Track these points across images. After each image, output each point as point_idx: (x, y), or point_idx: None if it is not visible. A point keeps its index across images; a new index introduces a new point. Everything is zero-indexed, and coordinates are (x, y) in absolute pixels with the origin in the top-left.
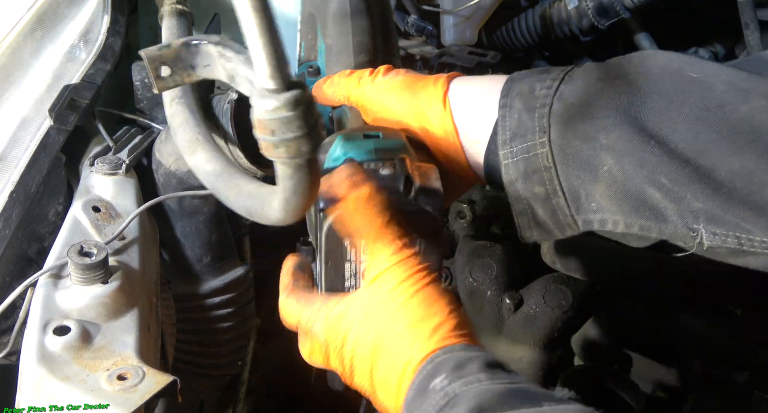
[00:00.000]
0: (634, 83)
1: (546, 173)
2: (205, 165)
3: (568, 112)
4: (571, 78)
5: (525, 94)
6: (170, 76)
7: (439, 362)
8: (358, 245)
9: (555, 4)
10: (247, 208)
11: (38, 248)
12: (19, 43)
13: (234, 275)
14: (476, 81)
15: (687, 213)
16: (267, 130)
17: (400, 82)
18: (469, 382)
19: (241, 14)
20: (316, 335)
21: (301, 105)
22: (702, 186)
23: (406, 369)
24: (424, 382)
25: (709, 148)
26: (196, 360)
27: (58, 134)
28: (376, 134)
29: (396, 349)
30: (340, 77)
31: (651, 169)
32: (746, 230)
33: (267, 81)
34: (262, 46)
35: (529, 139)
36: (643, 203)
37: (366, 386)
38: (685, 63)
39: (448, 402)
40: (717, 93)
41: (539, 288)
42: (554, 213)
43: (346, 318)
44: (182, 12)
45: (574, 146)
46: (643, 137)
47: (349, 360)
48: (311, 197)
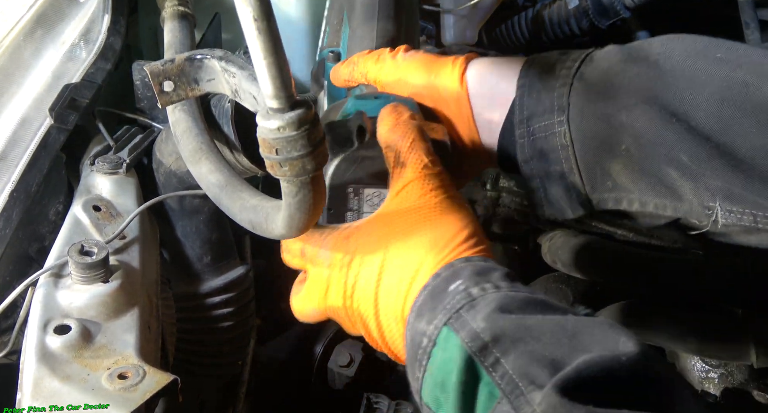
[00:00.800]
0: (655, 64)
1: (563, 151)
2: (209, 176)
3: (588, 91)
4: (592, 59)
5: (545, 74)
6: (173, 91)
7: (459, 268)
8: (361, 192)
9: (555, 3)
10: (250, 221)
11: (39, 248)
12: (19, 43)
13: (234, 275)
14: (494, 62)
15: (704, 191)
16: (272, 149)
17: (420, 61)
18: (490, 288)
19: (246, 34)
20: (321, 260)
21: (305, 124)
22: (722, 163)
23: (419, 274)
24: (441, 285)
25: (731, 125)
26: (197, 360)
27: (58, 134)
28: (388, 96)
29: (410, 256)
30: (359, 57)
31: (670, 146)
32: (763, 207)
33: (271, 100)
34: (267, 66)
35: (547, 118)
36: (659, 181)
37: (368, 299)
38: (710, 44)
39: (468, 303)
40: (742, 73)
41: (539, 288)
42: (568, 192)
43: (357, 234)
44: (184, 14)
45: (594, 125)
46: (663, 115)
47: (354, 274)
48: (315, 214)
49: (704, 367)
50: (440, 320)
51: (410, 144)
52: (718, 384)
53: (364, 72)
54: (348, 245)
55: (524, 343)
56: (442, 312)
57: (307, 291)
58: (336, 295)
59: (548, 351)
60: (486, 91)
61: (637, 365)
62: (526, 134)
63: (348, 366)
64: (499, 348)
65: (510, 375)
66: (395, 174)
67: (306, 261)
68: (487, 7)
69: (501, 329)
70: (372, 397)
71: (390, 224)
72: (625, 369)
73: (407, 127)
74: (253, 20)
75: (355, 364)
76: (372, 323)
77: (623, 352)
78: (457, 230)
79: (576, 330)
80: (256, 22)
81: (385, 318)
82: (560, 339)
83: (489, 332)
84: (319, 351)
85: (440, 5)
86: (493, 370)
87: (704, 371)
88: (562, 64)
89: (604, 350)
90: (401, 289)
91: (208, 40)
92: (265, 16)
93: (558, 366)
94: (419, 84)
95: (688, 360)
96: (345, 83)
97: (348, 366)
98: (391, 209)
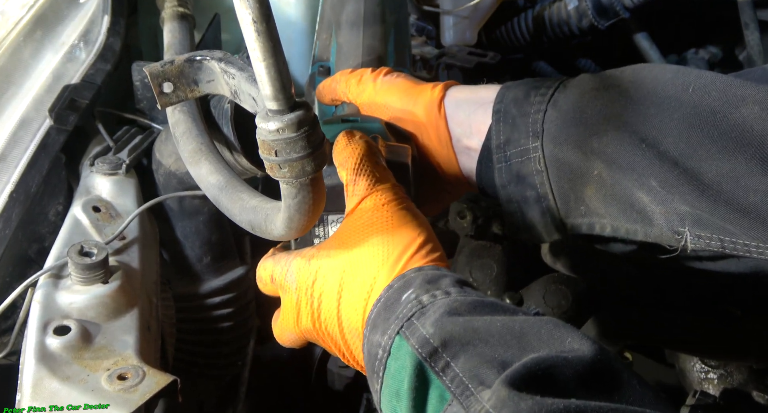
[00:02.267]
0: (626, 92)
1: (537, 176)
2: (208, 177)
3: (561, 118)
4: (566, 87)
5: (520, 100)
6: (173, 92)
7: (410, 278)
8: (325, 218)
9: (554, 4)
10: (250, 222)
11: (38, 248)
12: (19, 44)
13: (234, 275)
14: (471, 89)
15: (673, 216)
16: (271, 151)
17: (399, 85)
18: (440, 295)
19: (246, 36)
20: (288, 285)
21: (304, 125)
22: (690, 188)
23: (374, 288)
24: (393, 296)
25: (699, 150)
26: (196, 360)
27: (58, 134)
28: (355, 119)
29: (366, 271)
30: (342, 75)
31: (641, 172)
32: (730, 233)
33: (270, 102)
34: (266, 68)
35: (523, 143)
36: (630, 206)
37: (332, 318)
38: (679, 72)
39: (418, 310)
40: (710, 100)
41: (539, 288)
42: (543, 216)
43: (318, 256)
44: (184, 15)
45: (566, 151)
46: (634, 140)
47: (318, 295)
48: (315, 215)
49: (704, 368)
50: (393, 329)
51: (359, 161)
52: (718, 385)
53: (346, 92)
54: (310, 267)
55: (473, 346)
56: (395, 321)
57: (282, 317)
58: (306, 318)
59: (497, 352)
60: (463, 118)
61: (584, 361)
62: (503, 159)
63: (348, 367)
64: (448, 352)
65: (460, 377)
66: (348, 192)
67: (276, 287)
68: (486, 8)
69: (449, 333)
70: (372, 398)
71: (346, 242)
72: (572, 365)
73: (357, 145)
74: (252, 22)
75: None
76: (339, 341)
77: (570, 350)
78: (409, 241)
79: (523, 330)
80: (255, 23)
81: (350, 335)
82: (508, 340)
83: (438, 337)
84: (318, 352)
85: (440, 6)
86: (443, 374)
87: (704, 371)
88: (537, 91)
89: (552, 349)
90: (359, 305)
91: (208, 40)
92: (264, 18)
93: (507, 366)
94: (398, 109)
95: (687, 361)
96: (330, 101)
97: (348, 367)
98: (347, 226)
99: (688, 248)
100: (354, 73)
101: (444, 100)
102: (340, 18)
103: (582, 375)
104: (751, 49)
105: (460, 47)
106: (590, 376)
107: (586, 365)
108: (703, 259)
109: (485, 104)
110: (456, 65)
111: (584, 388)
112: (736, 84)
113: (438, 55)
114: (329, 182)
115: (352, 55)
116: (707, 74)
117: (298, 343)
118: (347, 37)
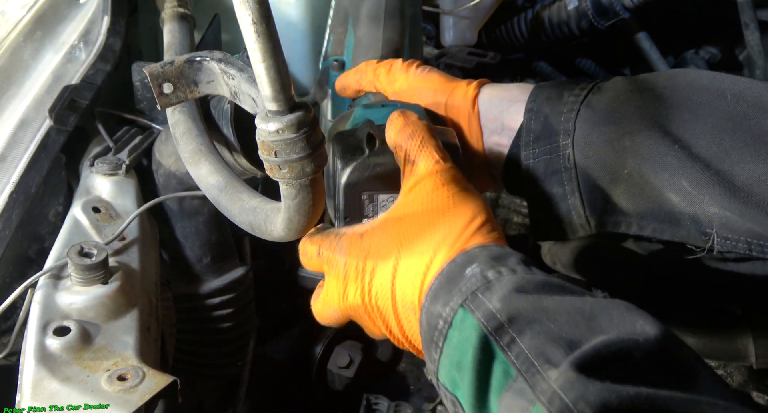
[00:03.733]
0: (661, 96)
1: (566, 173)
2: (208, 177)
3: (594, 117)
4: (600, 89)
5: (553, 100)
6: (173, 93)
7: (474, 253)
8: (376, 198)
9: (554, 4)
10: (249, 223)
11: (38, 249)
12: (18, 44)
13: (234, 276)
14: (504, 88)
15: (702, 217)
16: (271, 151)
17: (434, 79)
18: (506, 272)
19: (245, 37)
20: (337, 261)
21: (304, 126)
22: (720, 189)
23: (434, 263)
24: (457, 270)
25: (731, 153)
26: (196, 361)
27: (58, 135)
28: (394, 104)
29: (425, 248)
30: (368, 65)
31: (672, 172)
32: (758, 235)
33: (270, 103)
34: (265, 69)
35: (553, 141)
36: (659, 206)
37: (385, 292)
38: (714, 78)
39: (484, 285)
40: (744, 106)
41: None
42: (569, 213)
43: (371, 231)
44: (184, 15)
45: (598, 149)
46: (667, 141)
47: (370, 269)
48: (315, 216)
49: None
50: (456, 301)
51: (420, 142)
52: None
53: (373, 81)
54: (362, 244)
55: (540, 323)
56: (458, 294)
57: (326, 293)
58: (354, 293)
59: (565, 331)
60: (496, 114)
61: (655, 346)
62: (532, 156)
63: (347, 367)
64: (514, 328)
65: (525, 353)
66: (406, 172)
67: (323, 262)
68: (486, 8)
69: (517, 309)
70: (371, 398)
71: (403, 220)
72: (643, 349)
73: (416, 126)
74: (252, 23)
75: (355, 365)
76: (391, 318)
77: (641, 333)
78: (469, 220)
79: (593, 311)
80: (254, 25)
81: (404, 310)
82: (577, 320)
83: (505, 312)
84: (318, 352)
85: (440, 6)
86: (508, 349)
87: None
88: (570, 92)
89: (622, 332)
90: (417, 280)
91: (208, 41)
92: (263, 19)
93: (574, 346)
94: (431, 101)
95: None
96: (353, 92)
97: (347, 367)
98: (404, 205)
99: (715, 249)
100: (382, 64)
101: (478, 97)
102: (360, 12)
103: (653, 360)
104: (751, 49)
105: (460, 47)
106: (661, 361)
107: (658, 349)
108: (728, 261)
109: (518, 102)
110: (456, 65)
111: (654, 373)
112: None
113: (438, 56)
114: (382, 161)
115: (372, 48)
116: (742, 81)
117: (339, 321)
118: (367, 30)
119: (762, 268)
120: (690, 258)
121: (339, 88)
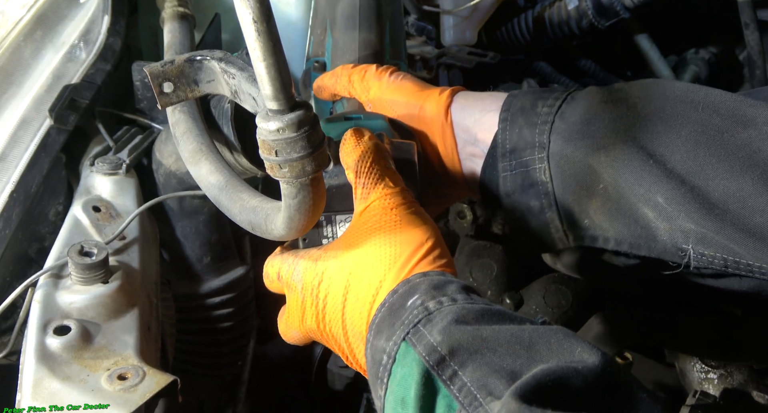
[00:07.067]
0: (634, 107)
1: (542, 187)
2: (208, 177)
3: (569, 130)
4: (573, 98)
5: (527, 110)
6: (173, 92)
7: (415, 283)
8: (334, 218)
9: (554, 4)
10: (250, 222)
11: (38, 248)
12: (19, 44)
13: (234, 275)
14: (478, 96)
15: (678, 233)
16: (271, 150)
17: (406, 88)
18: (446, 301)
19: (246, 36)
20: (294, 284)
21: (305, 125)
22: (696, 206)
23: (379, 291)
24: (398, 301)
25: (706, 169)
26: (196, 360)
27: (58, 134)
28: (358, 116)
29: (372, 274)
30: (343, 70)
31: (647, 187)
32: (734, 252)
33: (270, 102)
34: (266, 68)
35: (529, 153)
36: (635, 221)
37: (336, 320)
38: (688, 90)
39: (425, 317)
40: (718, 119)
41: (539, 288)
42: (547, 227)
43: (325, 257)
44: (184, 15)
45: (573, 163)
46: (642, 155)
47: (323, 296)
48: (315, 215)
49: (704, 368)
50: (399, 335)
51: (369, 165)
52: (718, 385)
53: (347, 87)
54: (317, 268)
55: (481, 355)
56: (401, 327)
57: (287, 315)
58: (311, 318)
59: (506, 362)
60: (470, 125)
61: (594, 373)
62: (509, 168)
63: (348, 367)
64: (456, 361)
65: (468, 386)
66: (357, 195)
67: (282, 285)
68: (486, 8)
69: (457, 341)
70: (372, 398)
71: (353, 245)
72: (582, 377)
73: (366, 148)
74: (253, 22)
75: None
76: (343, 344)
77: (580, 361)
78: (417, 246)
79: (532, 340)
80: (255, 23)
81: (354, 339)
82: (517, 349)
83: (446, 344)
84: (318, 352)
85: (440, 6)
86: (450, 383)
87: (704, 371)
88: (544, 102)
89: (561, 360)
90: (364, 308)
91: (208, 40)
92: (264, 17)
93: (516, 377)
94: (404, 112)
95: (687, 361)
96: (329, 95)
97: (348, 367)
98: (355, 229)
99: (691, 266)
100: (356, 69)
101: (451, 106)
102: (335, 12)
103: (592, 387)
104: (751, 49)
105: (460, 47)
106: (600, 388)
107: (597, 376)
108: (706, 276)
109: (491, 112)
110: (456, 65)
111: (594, 400)
112: (746, 103)
113: (438, 55)
114: (337, 182)
115: (348, 49)
116: (716, 92)
117: (302, 341)
118: (343, 31)
119: (739, 284)
120: (667, 274)
121: (316, 89)
